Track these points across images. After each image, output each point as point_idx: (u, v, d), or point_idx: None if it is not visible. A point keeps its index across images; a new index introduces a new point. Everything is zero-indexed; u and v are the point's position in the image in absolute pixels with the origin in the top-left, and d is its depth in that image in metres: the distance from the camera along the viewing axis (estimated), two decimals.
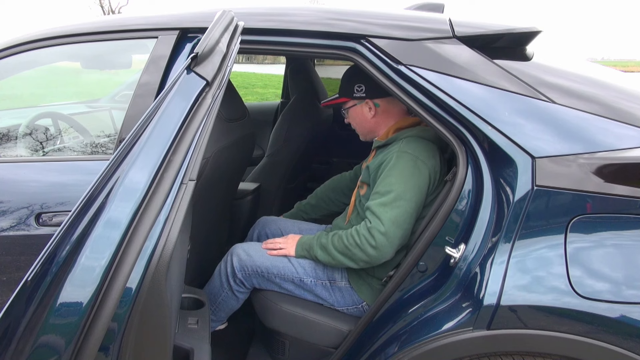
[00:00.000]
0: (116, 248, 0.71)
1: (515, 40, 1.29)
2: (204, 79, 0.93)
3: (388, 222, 1.32)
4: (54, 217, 1.33)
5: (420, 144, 1.42)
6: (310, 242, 1.53)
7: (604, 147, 1.07)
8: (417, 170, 1.37)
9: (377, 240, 1.33)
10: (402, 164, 1.38)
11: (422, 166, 1.38)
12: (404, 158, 1.38)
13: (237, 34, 1.11)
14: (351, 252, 1.38)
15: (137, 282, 0.76)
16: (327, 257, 1.46)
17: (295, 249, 1.56)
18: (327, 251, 1.46)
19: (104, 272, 0.70)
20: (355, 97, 1.58)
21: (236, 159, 1.76)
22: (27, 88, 2.36)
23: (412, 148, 1.40)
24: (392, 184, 1.36)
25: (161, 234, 0.78)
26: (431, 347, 1.10)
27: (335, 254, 1.43)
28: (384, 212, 1.33)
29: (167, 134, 0.83)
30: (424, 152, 1.40)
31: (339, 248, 1.42)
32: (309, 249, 1.52)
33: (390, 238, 1.33)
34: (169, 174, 0.80)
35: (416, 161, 1.38)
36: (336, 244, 1.43)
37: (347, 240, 1.40)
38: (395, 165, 1.38)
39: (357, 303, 1.52)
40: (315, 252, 1.49)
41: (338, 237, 1.44)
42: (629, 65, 41.86)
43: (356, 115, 1.62)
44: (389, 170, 1.38)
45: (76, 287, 0.70)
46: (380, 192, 1.37)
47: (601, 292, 1.01)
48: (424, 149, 1.41)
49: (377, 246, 1.33)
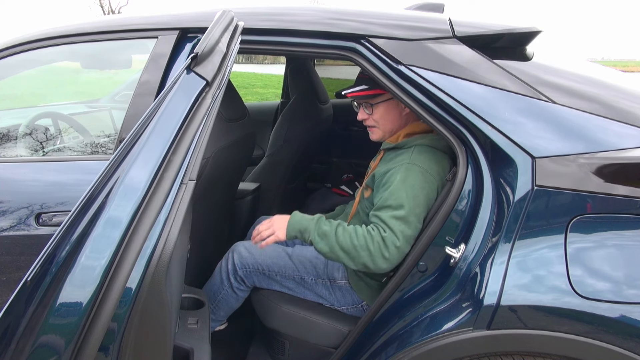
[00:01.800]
0: (116, 248, 0.71)
1: (515, 40, 1.29)
2: (204, 79, 0.93)
3: (402, 237, 1.29)
4: (54, 217, 1.33)
5: (430, 155, 1.37)
6: (306, 225, 1.39)
7: (604, 147, 1.07)
8: (426, 184, 1.32)
9: (392, 253, 1.28)
10: (412, 178, 1.32)
11: (431, 179, 1.33)
12: (413, 171, 1.33)
13: (237, 34, 1.11)
14: (357, 254, 1.31)
15: (137, 282, 0.76)
16: (324, 247, 1.34)
17: (287, 231, 1.41)
18: (327, 241, 1.34)
19: (104, 272, 0.70)
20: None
21: (236, 159, 1.76)
22: (27, 88, 2.36)
23: (422, 160, 1.35)
24: (402, 199, 1.30)
25: (161, 233, 0.78)
26: (431, 347, 1.10)
27: (337, 248, 1.33)
28: (398, 226, 1.29)
29: (167, 134, 0.83)
30: (434, 165, 1.35)
31: (344, 244, 1.32)
32: (304, 231, 1.38)
33: (401, 253, 1.30)
34: (169, 174, 0.80)
35: (425, 174, 1.33)
36: (341, 238, 1.33)
37: (358, 240, 1.31)
38: (406, 179, 1.32)
39: (356, 303, 1.52)
40: (313, 237, 1.36)
41: (346, 232, 1.34)
42: (629, 65, 41.86)
43: (388, 111, 1.48)
44: (399, 183, 1.32)
45: (76, 287, 0.70)
46: (392, 205, 1.31)
47: (601, 292, 1.01)
48: (434, 161, 1.36)
49: (390, 258, 1.29)
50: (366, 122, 1.53)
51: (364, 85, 1.47)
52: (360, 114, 1.54)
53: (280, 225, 1.42)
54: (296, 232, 1.40)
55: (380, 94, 1.46)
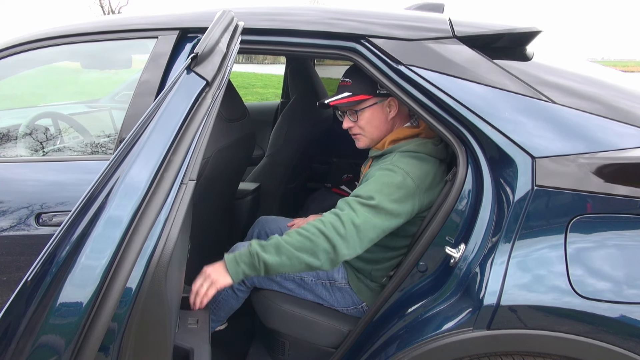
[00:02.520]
0: (116, 247, 0.71)
1: (515, 40, 1.29)
2: (204, 79, 0.93)
3: (363, 219, 1.21)
4: (54, 217, 1.33)
5: (413, 159, 1.34)
6: (245, 252, 1.25)
7: (604, 147, 1.07)
8: (404, 185, 1.28)
9: (348, 229, 1.20)
10: (389, 177, 1.29)
11: (410, 182, 1.28)
12: (392, 171, 1.30)
13: (237, 34, 1.11)
14: (315, 244, 1.20)
15: (137, 282, 0.76)
16: (281, 258, 1.21)
17: (230, 272, 1.24)
18: (279, 250, 1.21)
19: (104, 272, 0.70)
20: (379, 95, 1.42)
21: (236, 159, 1.76)
22: (27, 88, 2.36)
23: (403, 163, 1.32)
24: (373, 192, 1.26)
25: (161, 233, 0.78)
26: (431, 347, 1.10)
27: (293, 252, 1.20)
28: (361, 208, 1.23)
29: (168, 133, 0.83)
30: (415, 170, 1.31)
31: (297, 243, 1.21)
32: (247, 261, 1.23)
33: (361, 235, 1.21)
34: (169, 174, 0.80)
35: (405, 177, 1.29)
36: (291, 240, 1.22)
37: (308, 230, 1.21)
38: (382, 177, 1.30)
39: (356, 304, 1.52)
40: (263, 258, 1.21)
41: (290, 233, 1.24)
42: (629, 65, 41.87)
43: (375, 117, 1.45)
44: (373, 181, 1.29)
45: (76, 287, 0.70)
46: (361, 195, 1.27)
47: (601, 292, 1.01)
48: (416, 165, 1.32)
49: (346, 236, 1.20)
50: (352, 131, 1.50)
51: (347, 93, 1.44)
52: (346, 123, 1.50)
53: (217, 272, 1.26)
54: (242, 267, 1.24)
55: (364, 100, 1.43)
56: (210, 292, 1.26)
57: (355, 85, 1.44)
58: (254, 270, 1.24)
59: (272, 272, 1.24)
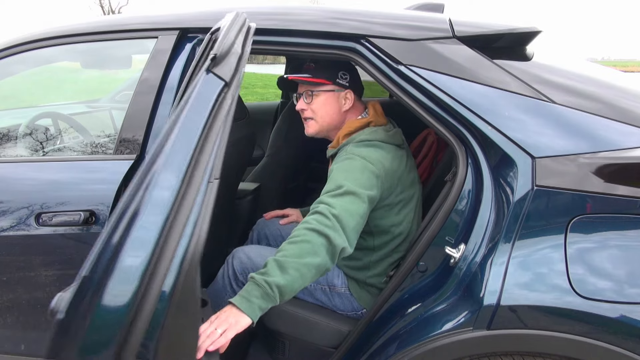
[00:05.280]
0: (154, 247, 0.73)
1: (515, 40, 1.29)
2: (223, 80, 0.94)
3: (340, 207, 1.23)
4: (53, 217, 1.33)
5: (366, 146, 1.38)
6: (250, 288, 1.14)
7: (604, 147, 1.07)
8: (366, 169, 1.32)
9: (331, 219, 1.21)
10: (349, 164, 1.33)
11: (370, 166, 1.32)
12: (350, 159, 1.34)
13: (250, 35, 1.11)
14: (309, 243, 1.18)
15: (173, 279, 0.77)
16: (289, 276, 1.14)
17: (246, 311, 1.11)
18: (283, 268, 1.15)
19: (144, 271, 0.72)
20: (338, 84, 1.47)
21: (236, 159, 1.76)
22: (27, 88, 2.36)
23: (358, 151, 1.36)
24: (340, 181, 1.28)
25: (193, 231, 0.80)
26: (431, 347, 1.10)
27: (294, 261, 1.16)
28: (335, 200, 1.25)
29: (194, 133, 0.84)
30: (371, 154, 1.35)
31: (294, 251, 1.18)
32: (260, 290, 1.13)
33: (342, 224, 1.21)
34: (197, 173, 0.82)
35: (363, 161, 1.33)
36: (287, 251, 1.18)
37: (297, 236, 1.20)
38: (341, 167, 1.34)
39: (356, 309, 1.52)
40: (273, 281, 1.13)
41: (283, 245, 1.21)
42: (629, 65, 41.88)
43: (327, 103, 1.48)
44: (335, 173, 1.33)
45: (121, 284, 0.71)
46: (330, 189, 1.29)
47: (601, 291, 1.01)
48: (371, 150, 1.37)
49: (333, 226, 1.20)
50: (304, 114, 1.53)
51: (308, 74, 1.49)
52: (299, 104, 1.53)
53: (231, 315, 1.11)
54: (255, 302, 1.12)
55: (322, 83, 1.47)
56: (230, 334, 1.11)
57: (317, 69, 1.49)
58: (269, 300, 1.13)
59: (286, 293, 1.15)
